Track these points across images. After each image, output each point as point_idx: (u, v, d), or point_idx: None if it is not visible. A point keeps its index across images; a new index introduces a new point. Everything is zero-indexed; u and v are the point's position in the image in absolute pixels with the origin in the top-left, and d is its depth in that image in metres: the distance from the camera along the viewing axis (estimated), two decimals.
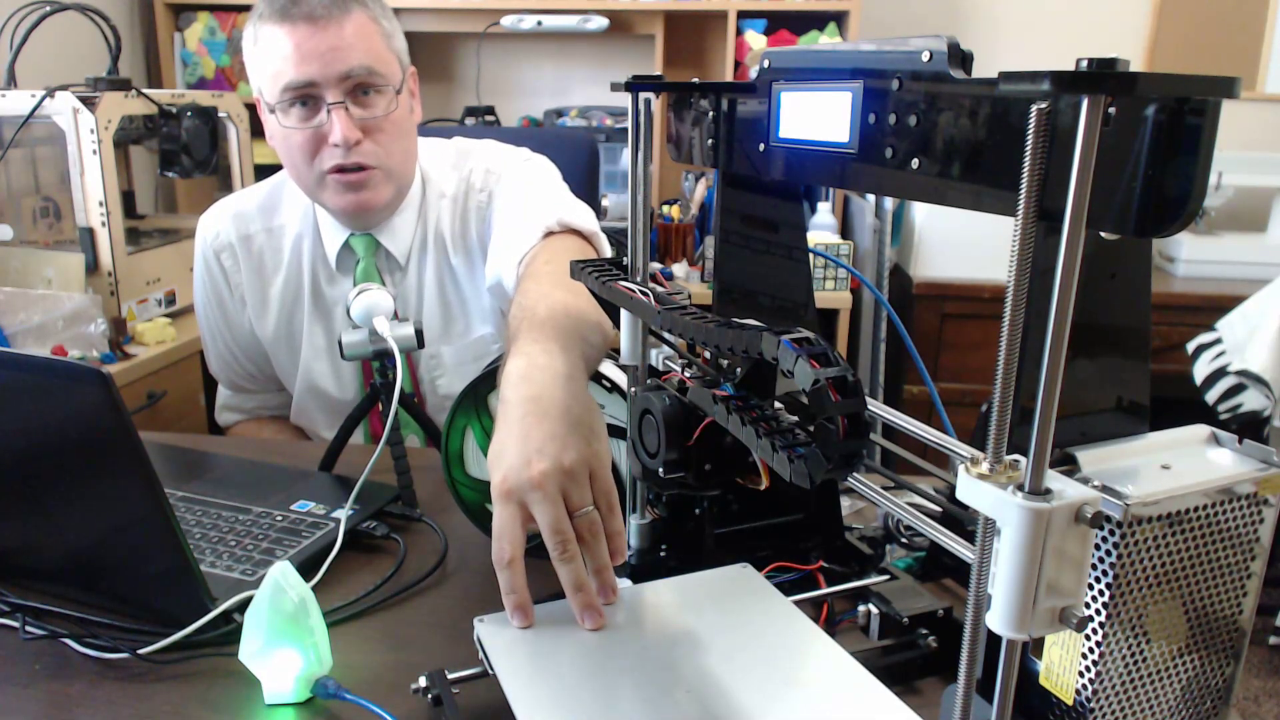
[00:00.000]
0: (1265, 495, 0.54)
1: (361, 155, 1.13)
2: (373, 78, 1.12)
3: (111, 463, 0.72)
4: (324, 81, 1.10)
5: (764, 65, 0.68)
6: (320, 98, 1.11)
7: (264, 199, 1.30)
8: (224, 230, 1.29)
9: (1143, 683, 0.55)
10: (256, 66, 1.14)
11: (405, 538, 0.90)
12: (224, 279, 1.30)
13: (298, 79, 1.09)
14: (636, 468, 0.75)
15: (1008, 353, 0.41)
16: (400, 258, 1.25)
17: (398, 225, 1.25)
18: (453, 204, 1.26)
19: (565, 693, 0.61)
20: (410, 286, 1.27)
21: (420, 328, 0.97)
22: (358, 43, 1.10)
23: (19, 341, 1.37)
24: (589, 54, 2.72)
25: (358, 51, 1.10)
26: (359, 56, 1.10)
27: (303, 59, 1.09)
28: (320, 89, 1.10)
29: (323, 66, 1.09)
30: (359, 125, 1.12)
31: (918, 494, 0.63)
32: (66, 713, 0.68)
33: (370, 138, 1.13)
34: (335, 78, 1.10)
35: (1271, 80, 2.62)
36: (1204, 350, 1.96)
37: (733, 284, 0.79)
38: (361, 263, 1.24)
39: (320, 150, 1.13)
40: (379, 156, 1.15)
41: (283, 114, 1.13)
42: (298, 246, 1.28)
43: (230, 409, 1.41)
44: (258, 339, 1.32)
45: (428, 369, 1.28)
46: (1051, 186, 0.40)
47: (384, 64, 1.13)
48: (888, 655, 0.70)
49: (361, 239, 1.24)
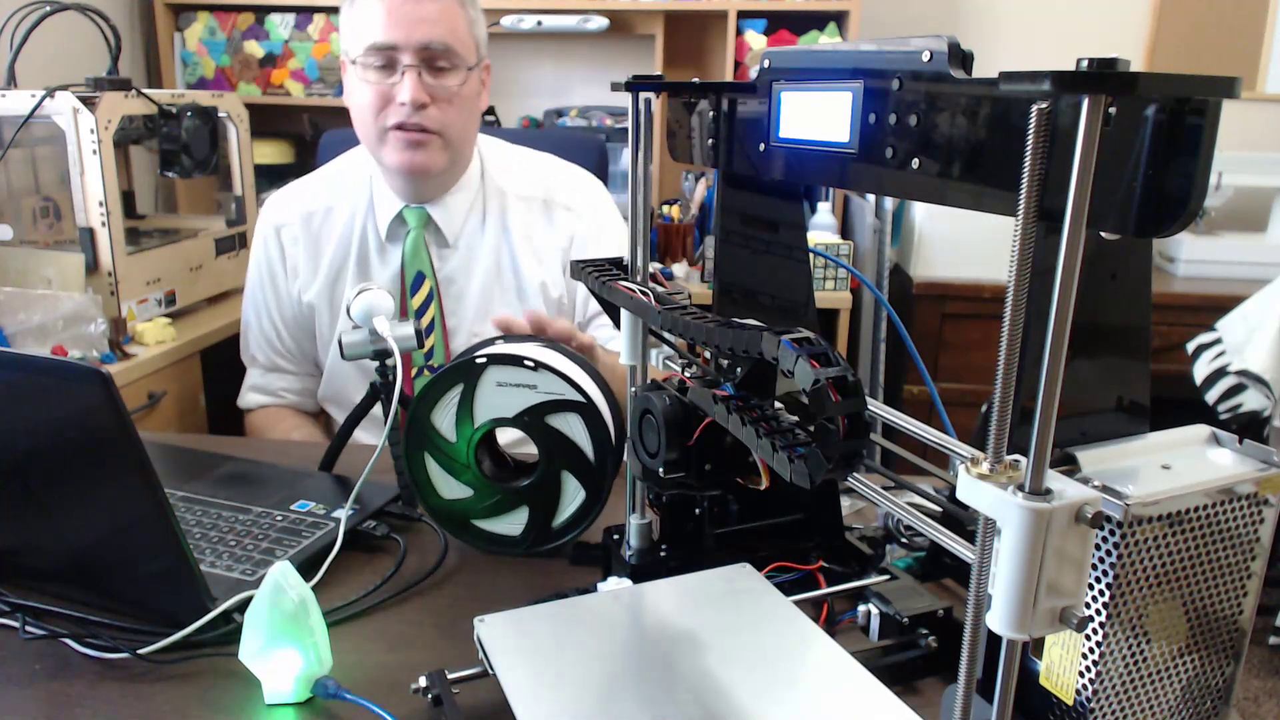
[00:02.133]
0: (1265, 495, 0.54)
1: (425, 118, 1.22)
2: (448, 53, 1.22)
3: (111, 463, 0.72)
4: (404, 46, 1.20)
5: (764, 65, 0.68)
6: (398, 61, 1.21)
7: (326, 180, 1.40)
8: (287, 209, 1.38)
9: (1143, 683, 0.55)
10: (349, 24, 1.25)
11: (405, 538, 0.90)
12: (280, 254, 1.38)
13: (382, 41, 1.20)
14: (636, 468, 0.75)
15: (1008, 353, 0.41)
16: (450, 236, 1.33)
17: (451, 204, 1.33)
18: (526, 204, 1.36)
19: (565, 693, 0.61)
20: (457, 266, 1.34)
21: (420, 328, 0.97)
22: (442, 19, 1.21)
23: (19, 341, 1.37)
24: (589, 54, 2.72)
25: (440, 27, 1.21)
26: (440, 32, 1.21)
27: (391, 24, 1.20)
28: (399, 52, 1.20)
29: (406, 33, 1.20)
30: (427, 91, 1.21)
31: (918, 494, 0.63)
32: (66, 713, 0.67)
33: (436, 105, 1.23)
34: (415, 45, 1.20)
35: (1271, 80, 2.62)
36: (1204, 350, 1.96)
37: (733, 284, 0.79)
38: (412, 234, 1.32)
39: (388, 107, 1.23)
40: (441, 123, 1.24)
41: (363, 69, 1.23)
42: (351, 220, 1.36)
43: (257, 390, 1.44)
44: (303, 307, 1.38)
45: (466, 342, 1.33)
46: (1052, 186, 0.40)
47: (461, 44, 1.24)
48: (888, 655, 0.70)
49: (415, 211, 1.32)
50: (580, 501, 0.87)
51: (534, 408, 0.85)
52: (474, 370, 0.85)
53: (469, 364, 0.85)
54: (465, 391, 0.86)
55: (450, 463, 0.88)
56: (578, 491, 0.87)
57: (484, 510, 0.89)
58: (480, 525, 0.90)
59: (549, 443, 0.86)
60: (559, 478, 0.87)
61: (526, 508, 0.88)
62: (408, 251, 1.32)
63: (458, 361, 0.87)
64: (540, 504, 0.88)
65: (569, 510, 0.88)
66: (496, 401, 0.86)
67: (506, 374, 0.85)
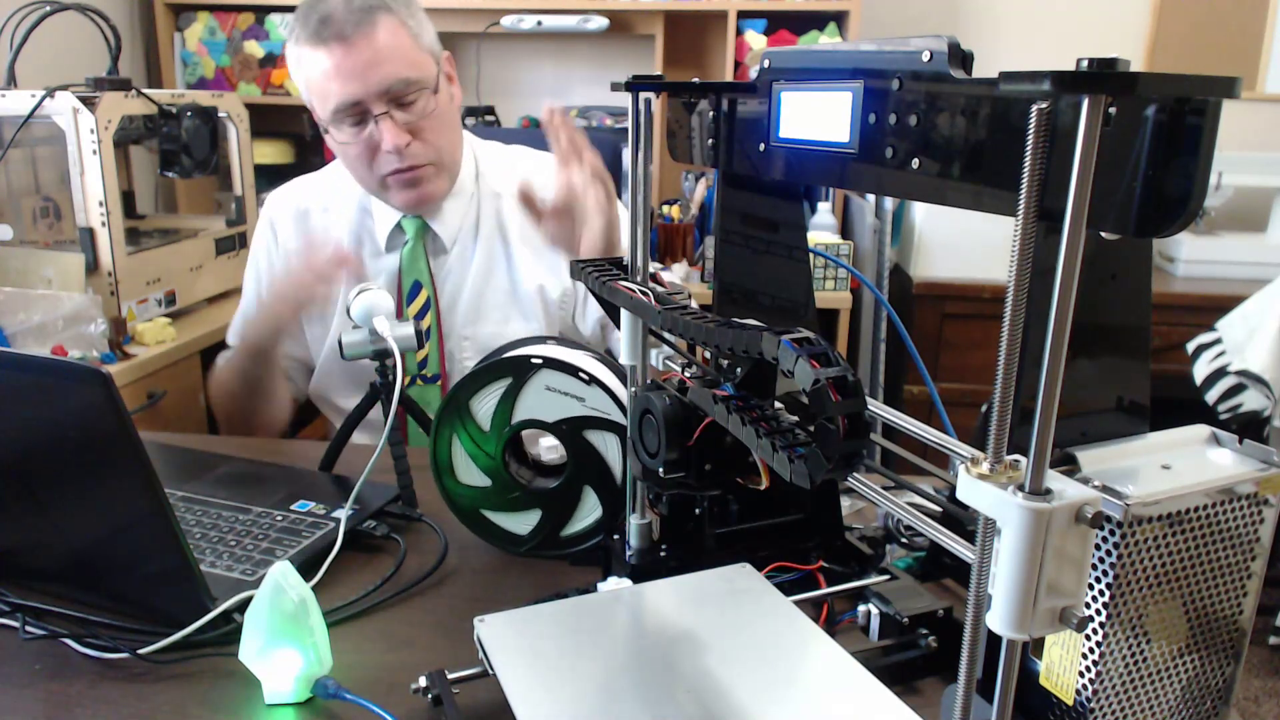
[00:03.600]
0: (1265, 495, 0.54)
1: (413, 157, 1.21)
2: (410, 84, 1.18)
3: (111, 463, 0.72)
4: (366, 97, 1.17)
5: (764, 65, 0.68)
6: (368, 111, 1.18)
7: (326, 180, 1.39)
8: (285, 203, 1.38)
9: (1143, 683, 0.55)
10: (304, 86, 1.21)
11: (405, 538, 0.90)
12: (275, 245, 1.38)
13: (343, 100, 1.17)
14: (636, 468, 0.75)
15: (1008, 353, 0.41)
16: (447, 241, 1.33)
17: (447, 210, 1.32)
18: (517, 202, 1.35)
19: (565, 693, 0.61)
20: (451, 268, 1.34)
21: (420, 328, 0.97)
22: (391, 54, 1.16)
23: (19, 341, 1.37)
24: (589, 54, 2.72)
25: (393, 63, 1.16)
26: (395, 68, 1.17)
27: (343, 80, 1.16)
28: (365, 104, 1.17)
29: (363, 85, 1.16)
30: (406, 129, 1.19)
31: (918, 494, 0.63)
32: (66, 713, 0.67)
33: (419, 138, 1.21)
34: (375, 93, 1.16)
35: (1271, 80, 2.62)
36: (1204, 350, 1.96)
37: (733, 284, 0.79)
38: (410, 243, 1.32)
39: (376, 157, 1.21)
40: (430, 154, 1.23)
41: (336, 130, 1.21)
42: (347, 222, 1.35)
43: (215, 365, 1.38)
44: None
45: (457, 346, 1.33)
46: (1052, 186, 0.40)
47: (418, 68, 1.20)
48: (888, 655, 0.70)
49: (413, 222, 1.32)
50: (595, 518, 0.87)
51: (576, 419, 0.85)
52: (526, 369, 0.85)
53: (523, 361, 0.85)
54: (512, 387, 0.85)
55: (477, 450, 0.88)
56: (595, 508, 0.87)
57: (497, 503, 0.89)
58: (490, 517, 0.90)
59: (580, 455, 0.86)
60: (580, 490, 0.87)
61: (540, 511, 0.88)
62: (405, 260, 1.31)
63: (512, 356, 0.86)
64: (555, 510, 0.88)
65: (582, 523, 0.88)
66: (540, 404, 0.85)
67: (558, 380, 0.85)
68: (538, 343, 0.91)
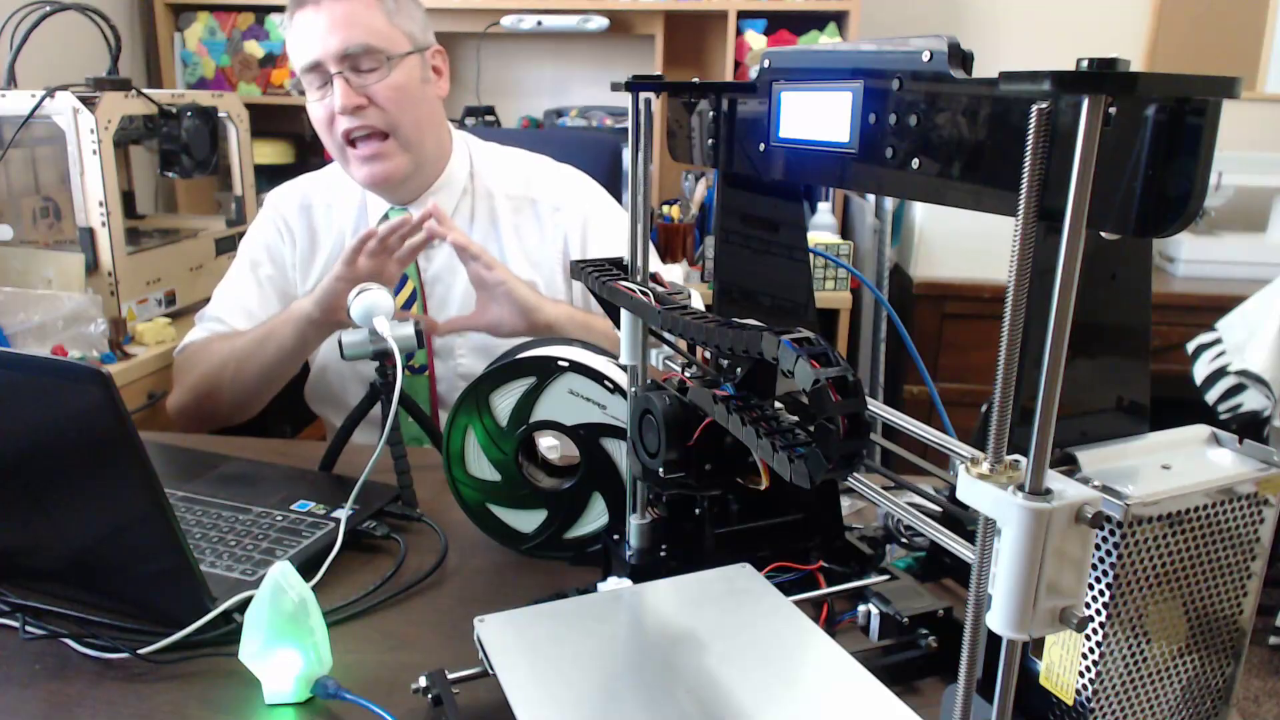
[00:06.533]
0: (1265, 495, 0.54)
1: (366, 118, 1.22)
2: (371, 52, 1.21)
3: (111, 463, 0.72)
4: (324, 58, 1.20)
5: (764, 65, 0.68)
6: (327, 72, 1.21)
7: (328, 177, 1.41)
8: (289, 198, 1.40)
9: (1143, 683, 0.55)
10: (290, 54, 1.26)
11: (405, 538, 0.90)
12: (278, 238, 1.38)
13: (307, 61, 1.22)
14: (636, 468, 0.75)
15: (1008, 353, 0.41)
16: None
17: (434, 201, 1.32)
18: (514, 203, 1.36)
19: (565, 693, 0.61)
20: (443, 267, 1.34)
21: (420, 328, 0.97)
22: (355, 21, 1.20)
23: (19, 341, 1.37)
24: (589, 54, 2.72)
25: (355, 29, 1.20)
26: (356, 34, 1.20)
27: (308, 41, 1.21)
28: (324, 65, 1.21)
29: (323, 45, 1.20)
30: (362, 93, 1.21)
31: (918, 494, 0.63)
32: (66, 713, 0.67)
33: (375, 105, 1.22)
34: (334, 55, 1.20)
35: (1271, 80, 2.62)
36: (1204, 350, 1.96)
37: (733, 284, 0.79)
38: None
39: (335, 120, 1.23)
40: (387, 121, 1.23)
41: (308, 93, 1.25)
42: (346, 219, 1.37)
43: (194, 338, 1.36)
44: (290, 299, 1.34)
45: (449, 339, 1.33)
46: (1052, 186, 0.40)
47: (382, 38, 1.22)
48: (888, 655, 0.70)
49: (398, 211, 1.32)
50: (601, 524, 0.87)
51: (595, 425, 0.85)
52: (551, 370, 0.85)
53: (549, 363, 0.85)
54: (535, 386, 0.85)
55: (490, 444, 0.88)
56: (602, 514, 0.87)
57: (505, 499, 0.89)
58: (495, 512, 0.90)
59: (594, 461, 0.86)
60: (589, 495, 0.87)
61: (546, 510, 0.88)
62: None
63: (538, 356, 0.86)
64: (561, 511, 0.88)
65: (587, 527, 0.88)
66: (560, 406, 0.85)
67: (583, 385, 0.85)
68: (563, 344, 0.91)
